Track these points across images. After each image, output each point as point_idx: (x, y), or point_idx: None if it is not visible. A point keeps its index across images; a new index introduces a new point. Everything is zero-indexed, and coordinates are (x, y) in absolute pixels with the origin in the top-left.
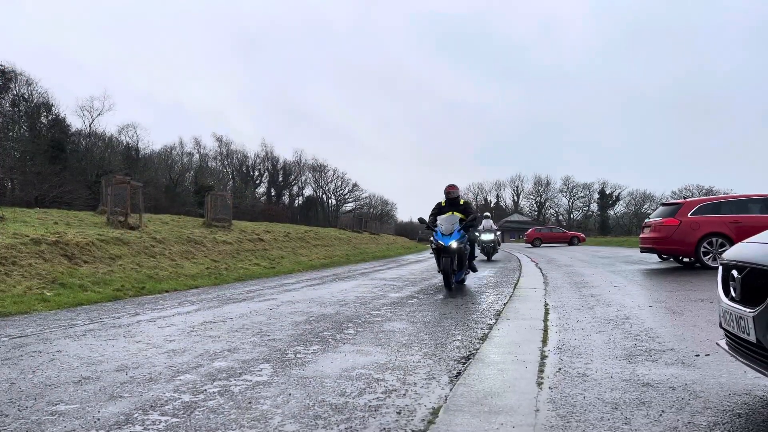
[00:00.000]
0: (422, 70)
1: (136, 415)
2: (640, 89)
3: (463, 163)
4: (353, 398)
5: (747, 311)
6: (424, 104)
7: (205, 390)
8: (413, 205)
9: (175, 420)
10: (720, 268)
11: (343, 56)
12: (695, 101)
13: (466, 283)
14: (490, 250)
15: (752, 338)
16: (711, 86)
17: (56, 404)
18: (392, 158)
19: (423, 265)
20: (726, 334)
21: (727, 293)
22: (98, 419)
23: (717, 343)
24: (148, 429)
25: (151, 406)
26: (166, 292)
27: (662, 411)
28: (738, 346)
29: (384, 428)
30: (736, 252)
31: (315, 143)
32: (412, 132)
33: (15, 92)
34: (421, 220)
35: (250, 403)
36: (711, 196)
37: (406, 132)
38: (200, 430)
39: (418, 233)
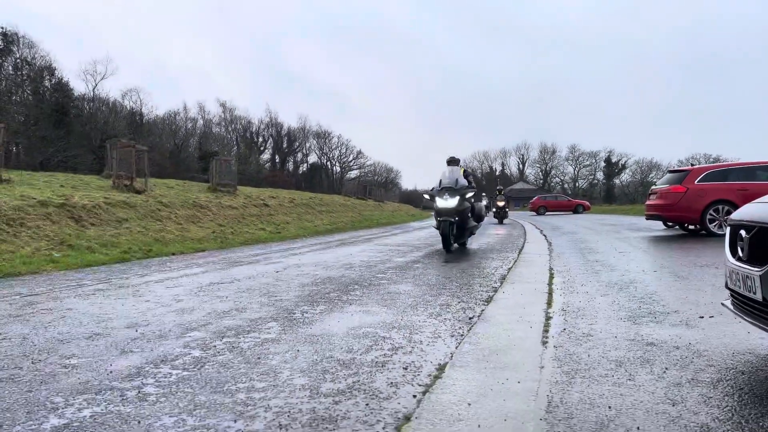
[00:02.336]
0: (412, 28)
1: (147, 369)
2: (644, 47)
3: (464, 128)
4: (360, 355)
5: (754, 270)
6: (417, 65)
7: (215, 346)
8: (417, 173)
9: (185, 373)
10: (728, 228)
11: (329, 14)
12: (703, 58)
13: (470, 247)
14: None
15: (758, 297)
16: (719, 40)
17: (69, 358)
18: (388, 123)
19: (427, 231)
20: (731, 294)
21: (734, 253)
22: (111, 372)
23: (722, 303)
24: (160, 381)
25: (162, 361)
26: (173, 254)
27: (666, 368)
28: (744, 305)
29: (391, 382)
30: (745, 212)
31: (307, 106)
32: (406, 95)
33: (17, 55)
34: (426, 193)
35: (259, 358)
36: (718, 163)
37: (400, 95)
38: (211, 382)
39: (422, 201)
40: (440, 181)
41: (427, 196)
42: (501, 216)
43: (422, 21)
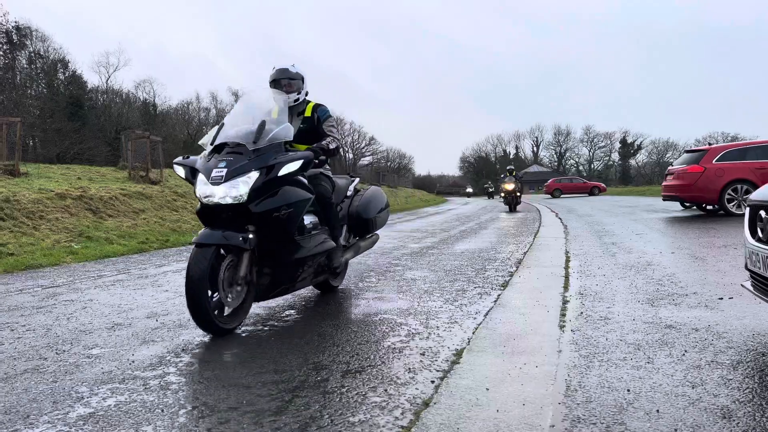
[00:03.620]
0: (417, 10)
1: (169, 358)
2: (656, 24)
3: (476, 112)
4: (377, 341)
5: None
6: (423, 47)
7: (235, 333)
8: (431, 158)
9: (207, 362)
10: (747, 208)
11: None
12: (717, 36)
13: (486, 231)
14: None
15: None
16: (734, 12)
17: (92, 348)
18: (398, 107)
19: (441, 217)
20: (751, 275)
21: (753, 234)
22: (133, 361)
23: (742, 285)
24: (182, 370)
25: (183, 350)
26: (190, 244)
27: (685, 351)
28: (764, 286)
29: (409, 368)
30: (765, 192)
31: (312, 91)
32: (414, 78)
33: (31, 49)
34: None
35: (272, 345)
36: (736, 142)
37: (409, 79)
38: (233, 369)
39: (436, 186)
40: (221, 126)
41: (179, 169)
42: (511, 203)
43: (426, 1)
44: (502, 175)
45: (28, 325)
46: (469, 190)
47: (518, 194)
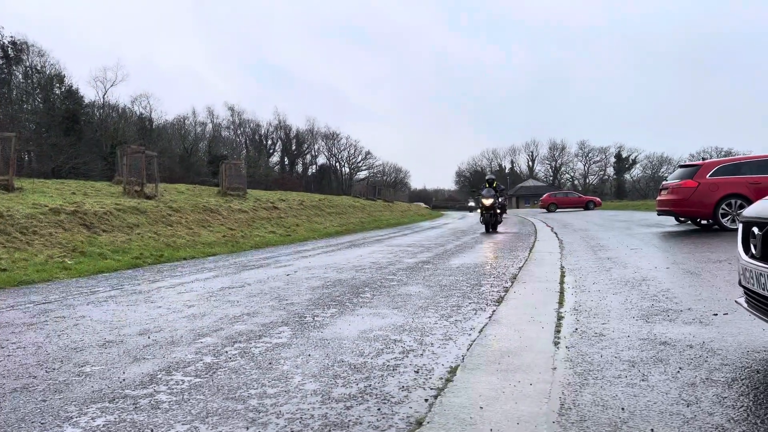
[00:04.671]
0: (407, 22)
1: (159, 376)
2: (647, 38)
3: (471, 127)
4: (371, 358)
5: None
6: (415, 61)
7: (226, 352)
8: (426, 173)
9: (197, 380)
10: (740, 225)
11: (316, 8)
12: (710, 49)
13: (481, 246)
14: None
15: None
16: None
17: (82, 366)
18: (393, 121)
19: (437, 231)
20: (745, 292)
21: (747, 251)
22: (123, 380)
23: (736, 301)
24: (172, 388)
25: (174, 368)
26: (184, 259)
27: (680, 368)
28: (758, 303)
29: (403, 386)
30: (757, 209)
31: (304, 105)
32: (407, 92)
33: (27, 64)
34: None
35: (270, 363)
36: (730, 157)
37: (403, 93)
38: (222, 389)
39: (432, 200)
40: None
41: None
42: (489, 221)
43: (416, 14)
44: (480, 186)
45: (18, 343)
46: (471, 204)
47: (498, 211)
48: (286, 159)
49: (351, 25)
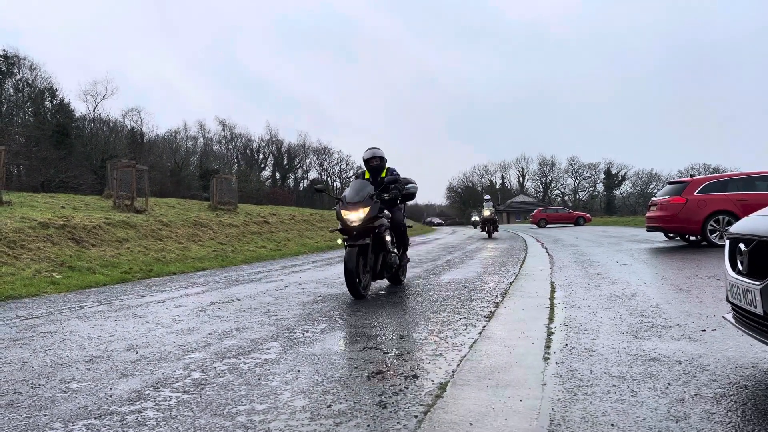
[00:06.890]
0: (385, 34)
1: (147, 392)
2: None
3: (460, 142)
4: (361, 374)
5: (754, 284)
6: (396, 73)
7: (215, 367)
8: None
9: (186, 396)
10: (727, 241)
11: (287, 18)
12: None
13: (472, 261)
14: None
15: (759, 311)
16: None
17: (69, 382)
18: (377, 134)
19: (428, 246)
20: (733, 308)
21: (734, 267)
22: (110, 396)
23: (724, 317)
24: (160, 405)
25: (162, 384)
26: (174, 274)
27: (669, 384)
28: (745, 319)
29: (392, 402)
30: (744, 225)
31: (281, 117)
32: (385, 104)
33: (18, 77)
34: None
35: (259, 379)
36: (718, 174)
37: (385, 106)
38: (211, 405)
39: (423, 215)
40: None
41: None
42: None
43: (394, 26)
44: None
45: (3, 358)
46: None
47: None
48: (277, 173)
49: (325, 35)
